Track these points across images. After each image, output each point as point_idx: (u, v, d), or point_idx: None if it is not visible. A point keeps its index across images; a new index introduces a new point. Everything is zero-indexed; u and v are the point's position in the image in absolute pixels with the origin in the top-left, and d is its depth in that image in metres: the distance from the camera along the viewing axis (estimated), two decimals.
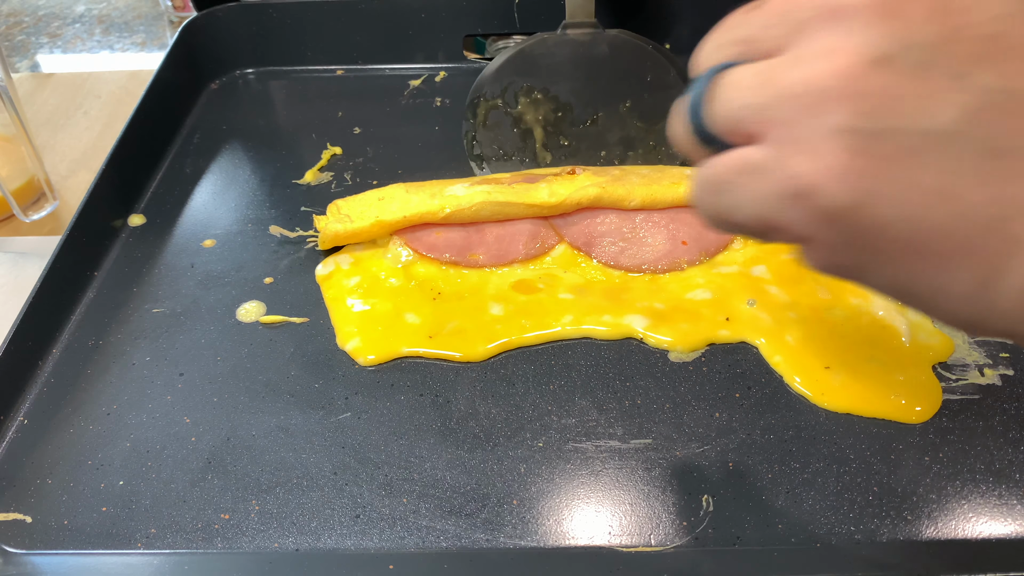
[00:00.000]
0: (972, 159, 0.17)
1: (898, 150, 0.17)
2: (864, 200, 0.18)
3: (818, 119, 0.18)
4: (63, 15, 0.88)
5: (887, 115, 0.17)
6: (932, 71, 0.17)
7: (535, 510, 0.33)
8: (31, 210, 0.52)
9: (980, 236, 0.18)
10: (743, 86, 0.20)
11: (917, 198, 0.18)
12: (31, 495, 0.35)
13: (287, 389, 0.39)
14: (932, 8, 0.17)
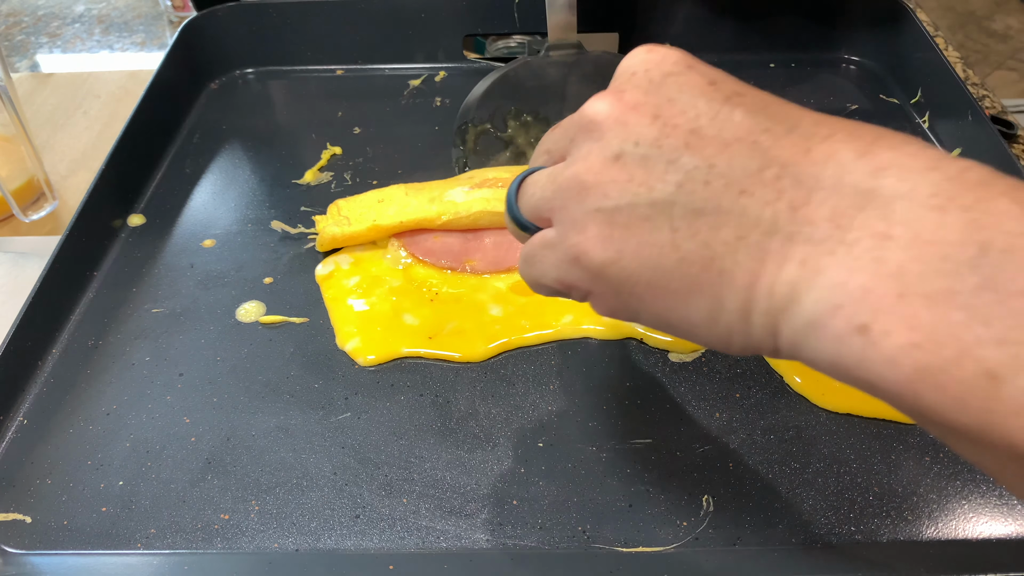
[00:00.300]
0: (685, 219, 0.23)
1: (634, 219, 0.24)
2: (616, 257, 0.24)
3: (582, 204, 0.25)
4: (63, 15, 0.88)
5: (623, 195, 0.24)
6: (652, 160, 0.23)
7: (535, 510, 0.33)
8: (31, 210, 0.52)
9: (699, 273, 0.23)
10: (538, 185, 0.27)
11: (651, 251, 0.24)
12: (31, 495, 0.35)
13: (287, 389, 0.39)
14: (651, 116, 0.24)
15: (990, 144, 0.47)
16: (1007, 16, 2.09)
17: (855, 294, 0.20)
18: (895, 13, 0.57)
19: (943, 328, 0.19)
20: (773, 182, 0.22)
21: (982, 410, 0.18)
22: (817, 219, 0.21)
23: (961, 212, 0.20)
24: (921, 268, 0.19)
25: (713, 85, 0.24)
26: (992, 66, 1.92)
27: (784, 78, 0.59)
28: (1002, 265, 0.18)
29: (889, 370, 0.20)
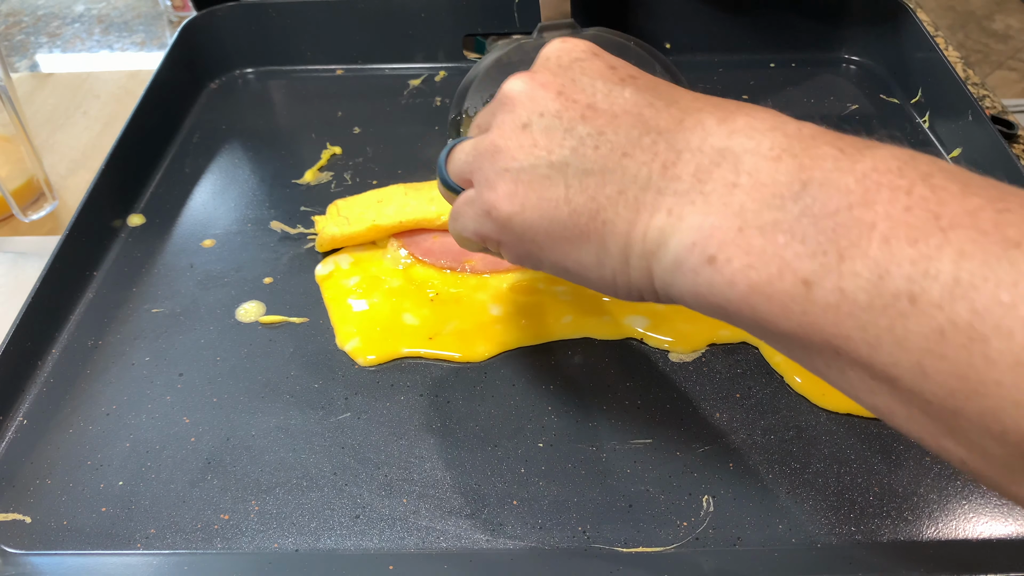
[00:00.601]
0: (577, 177, 0.27)
1: (535, 177, 0.28)
2: (519, 210, 0.28)
3: (494, 165, 0.28)
4: (62, 15, 0.88)
5: (528, 158, 0.28)
6: (553, 129, 0.27)
7: (535, 510, 0.33)
8: (30, 210, 0.52)
9: (587, 223, 0.27)
10: (464, 151, 0.31)
11: (548, 205, 0.27)
12: (30, 495, 0.34)
13: (287, 389, 0.39)
14: (556, 92, 0.28)
15: (990, 144, 0.47)
16: (1007, 16, 2.09)
17: (706, 232, 0.24)
18: (895, 13, 0.57)
19: (770, 250, 0.22)
20: (650, 146, 0.26)
21: (801, 312, 0.22)
22: (684, 175, 0.25)
23: (791, 159, 0.24)
24: (757, 206, 0.23)
25: (612, 69, 0.29)
26: (992, 66, 1.92)
27: (784, 78, 0.59)
28: (817, 195, 0.22)
29: (730, 289, 0.23)
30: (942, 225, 0.20)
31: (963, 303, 0.19)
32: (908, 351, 0.20)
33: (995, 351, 0.18)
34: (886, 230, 0.21)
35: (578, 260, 0.28)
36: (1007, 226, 0.19)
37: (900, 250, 0.20)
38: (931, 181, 0.21)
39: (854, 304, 0.21)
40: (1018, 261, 0.18)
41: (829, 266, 0.21)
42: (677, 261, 0.25)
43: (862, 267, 0.21)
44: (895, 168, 0.22)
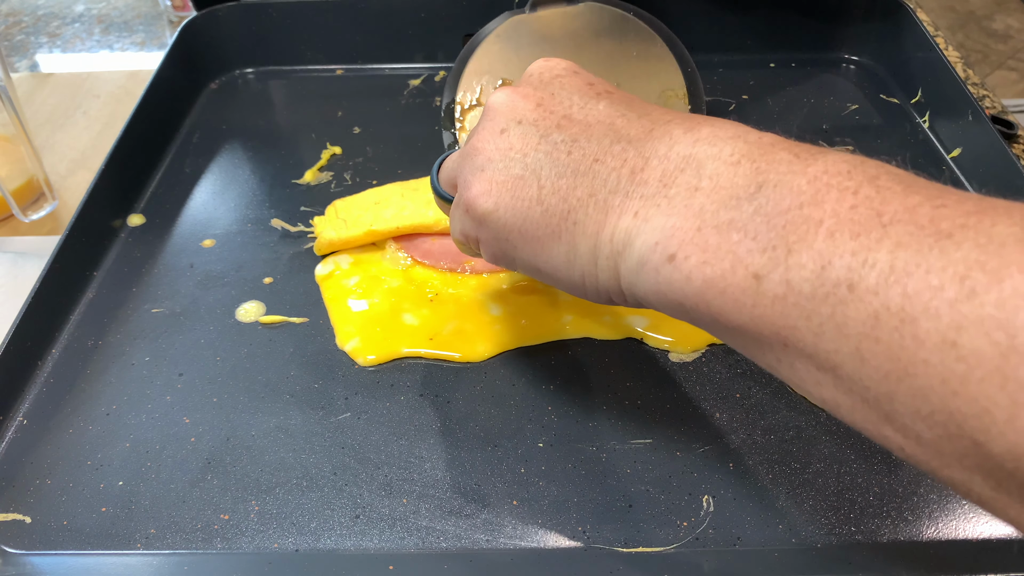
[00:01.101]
0: (550, 179, 0.28)
1: (510, 177, 0.29)
2: (494, 208, 0.29)
3: (472, 165, 0.30)
4: (62, 15, 0.88)
5: (503, 159, 0.29)
6: (529, 134, 0.29)
7: (535, 510, 0.33)
8: (30, 210, 0.52)
9: (558, 223, 0.28)
10: (452, 159, 0.34)
11: (522, 204, 0.29)
12: (30, 495, 0.34)
13: (287, 389, 0.39)
14: (535, 103, 0.30)
15: (990, 144, 0.47)
16: (1007, 16, 2.09)
17: (667, 232, 0.25)
18: (895, 13, 0.57)
19: (724, 247, 0.24)
20: (620, 153, 0.27)
21: (751, 305, 0.23)
22: (650, 180, 0.27)
23: (749, 163, 0.25)
24: (716, 207, 0.24)
25: (590, 85, 0.30)
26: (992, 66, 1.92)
27: (784, 78, 0.59)
28: (771, 196, 0.23)
29: (687, 285, 0.24)
30: (883, 221, 0.21)
31: (896, 288, 0.20)
32: (847, 337, 0.21)
33: (923, 331, 0.19)
34: (832, 226, 0.22)
35: (549, 260, 0.29)
36: (941, 220, 0.20)
37: (843, 243, 0.21)
38: (877, 182, 0.22)
39: (799, 294, 0.22)
40: (948, 249, 0.19)
41: (778, 260, 0.22)
42: (641, 260, 0.26)
43: (807, 259, 0.22)
44: (844, 171, 0.23)
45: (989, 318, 0.18)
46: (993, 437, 0.18)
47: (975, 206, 0.20)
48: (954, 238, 0.20)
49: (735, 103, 0.56)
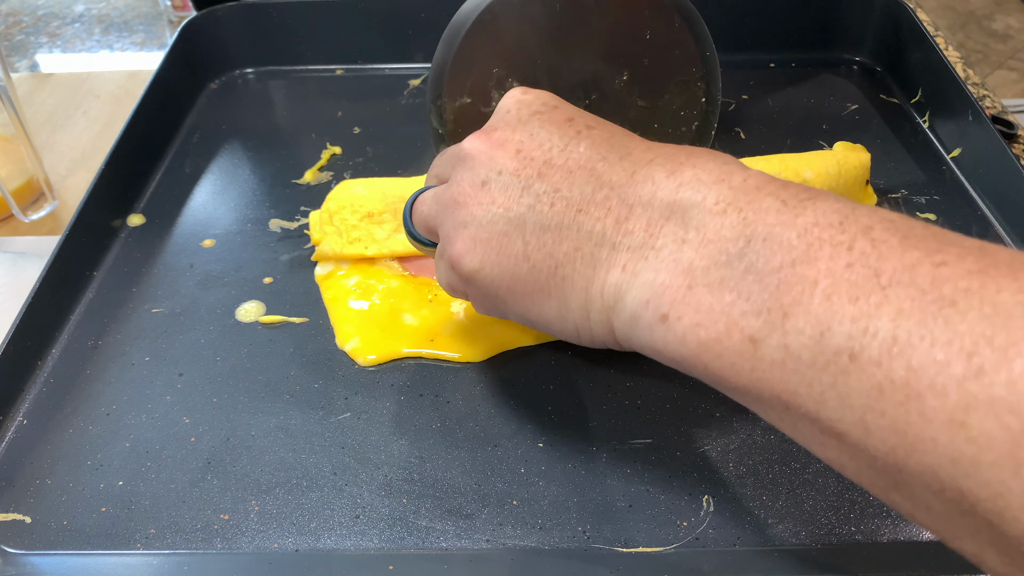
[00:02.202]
0: (535, 234, 0.28)
1: (494, 233, 0.28)
2: (480, 266, 0.29)
3: (455, 220, 0.29)
4: (62, 15, 0.88)
5: (487, 214, 0.28)
6: (511, 186, 0.28)
7: (535, 510, 0.33)
8: (30, 210, 0.52)
9: (546, 279, 0.28)
10: (426, 203, 0.32)
11: (508, 261, 0.28)
12: (30, 495, 0.34)
13: (287, 389, 0.39)
14: (514, 151, 0.29)
15: (990, 144, 0.47)
16: (1007, 16, 2.09)
17: (658, 290, 0.25)
18: (895, 13, 0.57)
19: (718, 308, 0.23)
20: (603, 202, 0.27)
21: (750, 369, 0.22)
22: (636, 229, 0.26)
23: (736, 213, 0.24)
24: (705, 263, 0.24)
25: (570, 122, 0.29)
26: (992, 66, 1.92)
27: (784, 78, 0.59)
28: (760, 251, 0.23)
29: (683, 347, 0.24)
30: (882, 282, 0.20)
31: (900, 361, 0.19)
32: (851, 408, 0.20)
33: (930, 408, 0.18)
34: (827, 287, 0.21)
35: (541, 314, 0.29)
36: (943, 282, 0.19)
37: (841, 307, 0.20)
38: (871, 235, 0.21)
39: (798, 361, 0.21)
40: (953, 320, 0.19)
41: (774, 323, 0.22)
42: (634, 316, 0.26)
43: (804, 324, 0.21)
44: (836, 222, 0.22)
45: (1000, 400, 0.17)
46: (1007, 521, 0.18)
47: (976, 263, 0.19)
48: (958, 306, 0.19)
49: (735, 103, 0.56)
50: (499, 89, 0.41)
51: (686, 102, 0.41)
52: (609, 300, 0.26)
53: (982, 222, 0.46)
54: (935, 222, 0.45)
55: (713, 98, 0.43)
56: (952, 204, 0.47)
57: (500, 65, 0.40)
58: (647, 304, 0.25)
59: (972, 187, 0.48)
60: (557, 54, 0.40)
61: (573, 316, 0.28)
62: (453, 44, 0.40)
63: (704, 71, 0.42)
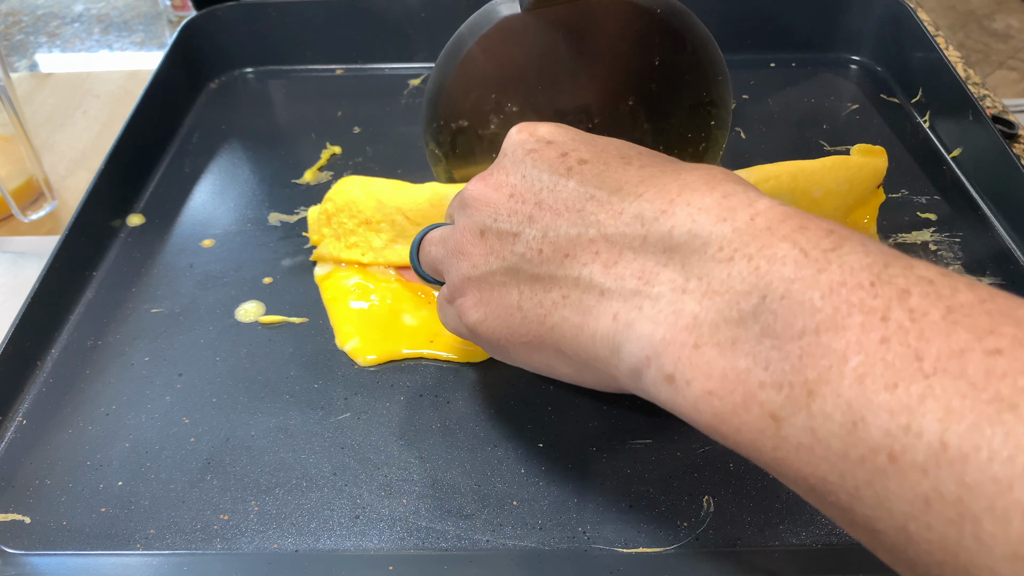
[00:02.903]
0: (527, 283, 0.27)
1: (494, 284, 0.28)
2: (483, 318, 0.28)
3: (459, 271, 0.29)
4: (62, 14, 0.88)
5: (486, 265, 0.28)
6: (505, 233, 0.27)
7: (535, 510, 0.33)
8: (30, 210, 0.52)
9: (537, 329, 0.27)
10: (433, 243, 0.32)
11: (505, 311, 0.28)
12: (30, 496, 0.34)
13: (286, 389, 0.38)
14: (508, 195, 0.28)
15: (990, 144, 0.47)
16: (1008, 16, 2.09)
17: (659, 347, 0.22)
18: (896, 12, 0.57)
19: (732, 375, 0.21)
20: (590, 244, 0.25)
21: (772, 448, 0.20)
22: (626, 275, 0.24)
23: (746, 262, 0.21)
24: (713, 318, 0.21)
25: (562, 157, 0.27)
26: (993, 66, 1.92)
27: (784, 78, 0.59)
28: (778, 312, 0.20)
29: (696, 415, 0.22)
30: (924, 369, 0.17)
31: (950, 472, 0.16)
32: (891, 512, 0.18)
33: (988, 535, 0.16)
34: (860, 366, 0.18)
35: (541, 362, 0.28)
36: (1000, 377, 0.17)
37: (877, 395, 0.18)
38: (908, 302, 0.19)
39: (828, 449, 0.19)
40: (1015, 430, 0.16)
41: (798, 401, 0.19)
42: (634, 371, 0.24)
43: (834, 408, 0.18)
44: (866, 282, 0.19)
45: None
46: None
47: None
48: (1019, 410, 0.16)
49: (735, 103, 0.56)
50: (497, 113, 0.39)
51: (694, 124, 0.39)
52: (602, 351, 0.25)
53: (982, 222, 0.46)
54: (935, 222, 0.46)
55: (723, 121, 0.40)
56: (952, 204, 0.47)
57: (498, 90, 0.38)
58: (648, 361, 0.23)
59: (972, 187, 0.48)
60: (559, 79, 0.38)
61: (569, 365, 0.27)
62: (449, 69, 0.38)
63: (715, 95, 0.39)
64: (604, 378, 0.26)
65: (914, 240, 0.45)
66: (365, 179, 0.45)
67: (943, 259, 0.43)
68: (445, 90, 0.38)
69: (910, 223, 0.46)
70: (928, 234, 0.45)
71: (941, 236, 0.45)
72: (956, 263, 0.43)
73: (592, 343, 0.25)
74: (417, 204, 0.42)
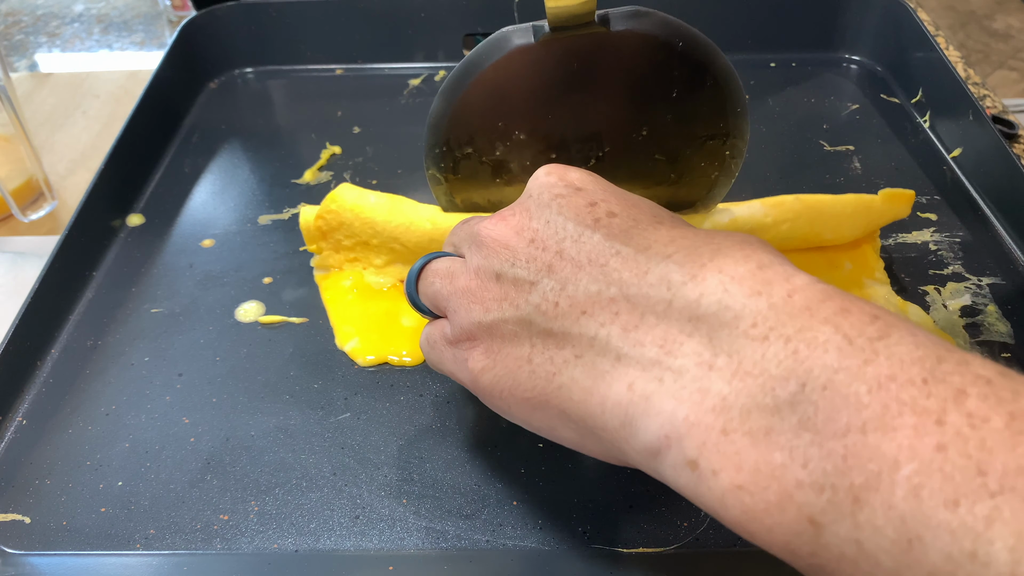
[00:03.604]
0: (540, 336, 0.25)
1: (505, 333, 0.26)
2: (490, 365, 0.27)
3: (469, 314, 0.27)
4: (62, 14, 0.88)
5: (499, 311, 0.26)
6: (521, 280, 0.26)
7: (535, 511, 0.33)
8: (30, 210, 0.52)
9: (544, 386, 0.25)
10: (438, 275, 0.30)
11: (513, 364, 0.26)
12: (30, 496, 0.34)
13: (286, 389, 0.38)
14: (529, 240, 0.26)
15: (990, 144, 0.47)
16: (1008, 16, 2.09)
17: (681, 428, 0.20)
18: (896, 12, 0.57)
19: (765, 470, 0.19)
20: (609, 304, 0.23)
21: (809, 554, 0.18)
22: (647, 341, 0.22)
23: (783, 343, 0.19)
24: (744, 402, 0.19)
25: (591, 207, 0.26)
26: (993, 66, 1.92)
27: (784, 78, 0.59)
28: (820, 404, 0.18)
29: (722, 510, 0.20)
30: (990, 486, 0.16)
31: None
32: None
33: None
34: (914, 475, 0.16)
35: (541, 422, 0.26)
36: None
37: (935, 511, 0.16)
38: (966, 405, 0.17)
39: (876, 566, 0.17)
40: None
41: (841, 508, 0.17)
42: (651, 450, 0.22)
43: (885, 522, 0.17)
44: (918, 379, 0.17)
45: None
46: None
47: None
48: None
49: None
50: (504, 140, 0.37)
51: (709, 155, 0.38)
52: (612, 421, 0.22)
53: (982, 222, 0.46)
54: (935, 222, 0.46)
55: (738, 151, 0.39)
56: (952, 204, 0.47)
57: (505, 118, 0.36)
58: (667, 440, 0.21)
59: (973, 187, 0.48)
60: (570, 107, 0.36)
61: (575, 430, 0.25)
62: (455, 95, 0.36)
63: (732, 127, 0.38)
64: (610, 450, 0.24)
65: (914, 240, 0.45)
66: (357, 201, 0.42)
67: (943, 259, 0.43)
68: (450, 117, 0.36)
69: (910, 223, 0.46)
70: (928, 234, 0.45)
71: (941, 236, 0.45)
72: (956, 263, 0.43)
73: (601, 411, 0.23)
74: (415, 237, 0.41)
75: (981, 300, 0.41)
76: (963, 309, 0.41)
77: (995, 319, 0.40)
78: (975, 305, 0.41)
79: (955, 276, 0.42)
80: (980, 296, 0.41)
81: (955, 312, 0.40)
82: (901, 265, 0.43)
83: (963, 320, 0.40)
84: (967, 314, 0.40)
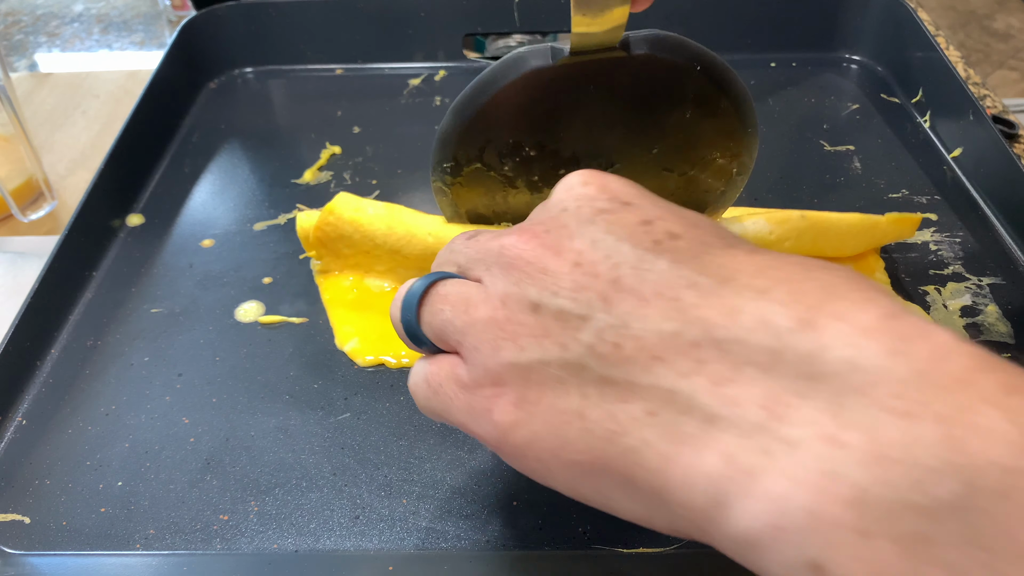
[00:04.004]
0: (595, 385, 0.20)
1: (546, 378, 0.21)
2: (525, 419, 0.21)
3: (497, 353, 0.22)
4: (61, 14, 0.88)
5: (538, 351, 0.21)
6: (567, 313, 0.21)
7: (535, 511, 0.33)
8: (29, 210, 0.52)
9: (604, 447, 0.20)
10: (448, 302, 0.24)
11: (559, 418, 0.21)
12: (29, 496, 0.34)
13: (286, 389, 0.38)
14: (573, 264, 0.21)
15: (991, 144, 0.47)
16: (1008, 15, 2.09)
17: (800, 519, 0.16)
18: (896, 12, 0.57)
19: None
20: (691, 349, 0.19)
21: None
22: (745, 400, 0.18)
23: (936, 424, 0.15)
24: (889, 496, 0.15)
25: (646, 226, 0.22)
26: (993, 65, 1.92)
27: (784, 78, 0.59)
28: (995, 515, 0.14)
29: None
30: None
31: None
32: None
33: None
34: None
35: (592, 490, 0.21)
36: None
37: None
38: None
39: None
40: None
41: None
42: (749, 541, 0.17)
43: None
44: None
45: None
46: None
47: None
48: None
49: None
50: (513, 156, 0.37)
51: (717, 172, 0.38)
52: (700, 498, 0.18)
53: (982, 222, 0.46)
54: (935, 222, 0.46)
55: (745, 168, 0.39)
56: (952, 204, 0.47)
57: (516, 134, 0.36)
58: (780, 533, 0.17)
59: (973, 187, 0.48)
60: (582, 124, 0.36)
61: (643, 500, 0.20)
62: (467, 114, 0.35)
63: (742, 147, 0.38)
64: (688, 529, 0.20)
65: (914, 240, 0.45)
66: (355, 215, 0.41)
67: (943, 259, 0.43)
68: (461, 134, 0.36)
69: None
70: (928, 234, 0.45)
71: (941, 236, 0.45)
72: (956, 263, 0.43)
73: (683, 484, 0.19)
74: (416, 251, 0.40)
75: (981, 300, 0.41)
76: (963, 309, 0.41)
77: (995, 319, 0.40)
78: (975, 305, 0.41)
79: (955, 276, 0.42)
80: (980, 296, 0.41)
81: (955, 312, 0.40)
82: (901, 265, 0.43)
83: (963, 320, 0.40)
84: (967, 314, 0.40)
